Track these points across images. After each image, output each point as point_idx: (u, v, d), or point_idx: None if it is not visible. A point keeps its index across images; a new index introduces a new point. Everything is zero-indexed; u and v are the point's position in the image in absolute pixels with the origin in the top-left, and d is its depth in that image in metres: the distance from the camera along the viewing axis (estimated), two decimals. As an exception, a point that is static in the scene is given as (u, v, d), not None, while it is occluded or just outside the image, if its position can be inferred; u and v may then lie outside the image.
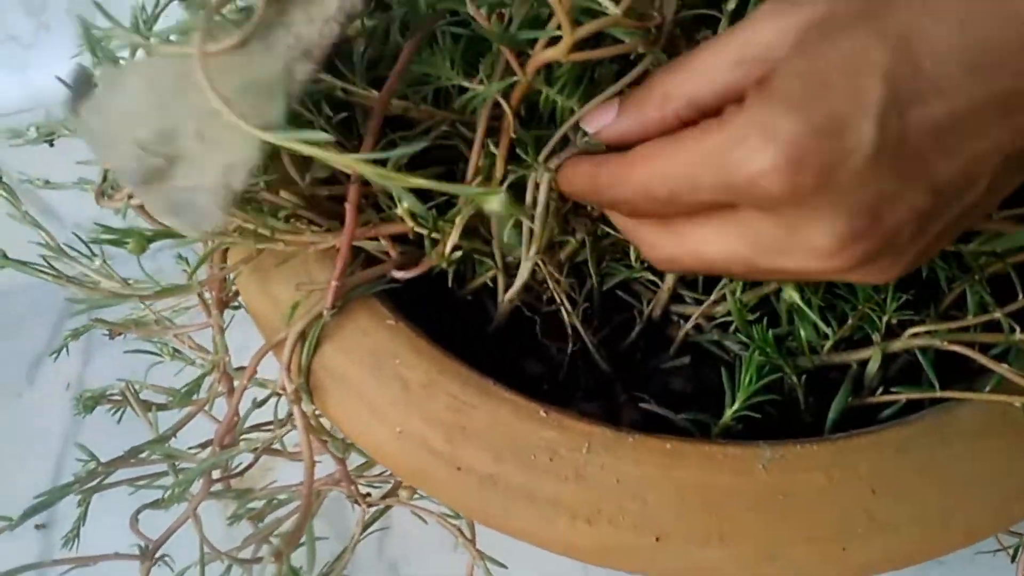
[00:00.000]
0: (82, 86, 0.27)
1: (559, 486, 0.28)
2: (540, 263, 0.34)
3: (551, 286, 0.36)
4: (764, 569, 0.28)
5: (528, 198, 0.32)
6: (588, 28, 0.26)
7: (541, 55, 0.28)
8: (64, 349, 0.46)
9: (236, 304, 0.38)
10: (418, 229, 0.32)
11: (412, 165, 0.32)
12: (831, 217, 0.24)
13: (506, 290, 0.35)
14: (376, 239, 0.34)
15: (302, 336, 0.31)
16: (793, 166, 0.23)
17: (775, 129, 0.23)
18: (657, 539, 0.28)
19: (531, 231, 0.33)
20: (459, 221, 0.32)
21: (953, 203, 0.25)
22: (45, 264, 0.37)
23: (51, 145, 0.42)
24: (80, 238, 0.38)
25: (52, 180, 0.45)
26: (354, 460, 0.40)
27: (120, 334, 0.43)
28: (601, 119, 0.29)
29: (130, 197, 0.32)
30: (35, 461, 0.55)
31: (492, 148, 0.34)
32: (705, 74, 0.26)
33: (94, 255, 0.40)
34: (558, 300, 0.36)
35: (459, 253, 0.33)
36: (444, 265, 0.33)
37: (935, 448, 0.30)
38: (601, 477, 0.28)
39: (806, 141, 0.23)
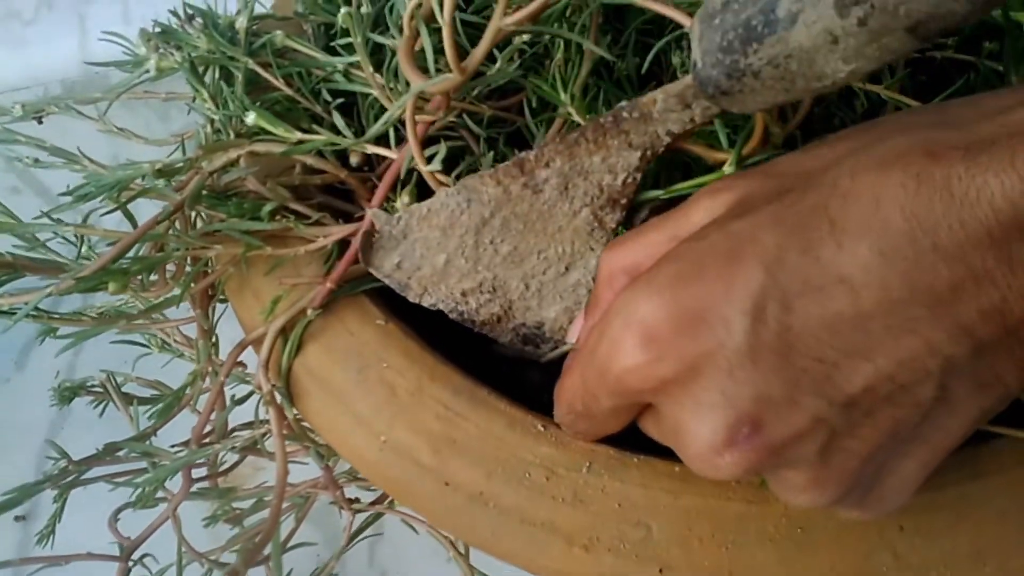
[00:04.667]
0: None
1: (555, 508, 0.26)
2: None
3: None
4: (777, 610, 0.25)
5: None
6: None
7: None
8: (51, 334, 0.44)
9: (223, 296, 0.35)
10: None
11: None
12: (699, 418, 0.21)
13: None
14: (371, 233, 0.32)
15: (283, 333, 0.28)
16: (650, 355, 0.21)
17: (632, 314, 0.21)
18: (660, 571, 0.25)
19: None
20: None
21: (879, 415, 0.21)
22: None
23: (40, 122, 0.40)
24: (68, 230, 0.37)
25: (42, 159, 0.44)
26: (345, 463, 0.38)
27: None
28: (576, 327, 0.28)
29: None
30: (20, 449, 0.53)
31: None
32: (645, 248, 0.24)
33: (80, 240, 0.39)
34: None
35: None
36: None
37: (971, 484, 0.27)
38: (601, 501, 0.26)
39: (663, 328, 0.21)
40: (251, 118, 0.32)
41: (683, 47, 0.32)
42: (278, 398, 0.29)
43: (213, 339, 0.37)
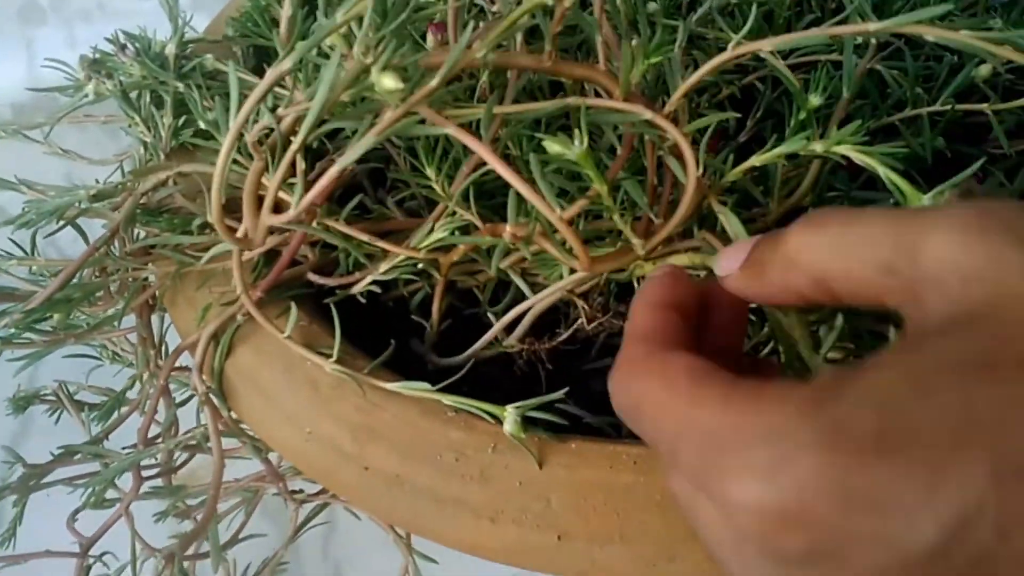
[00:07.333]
0: None
1: (464, 486, 0.29)
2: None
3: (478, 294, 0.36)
4: (663, 568, 0.28)
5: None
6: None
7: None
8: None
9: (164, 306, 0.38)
10: (331, 241, 0.33)
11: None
12: None
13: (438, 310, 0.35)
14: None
15: (215, 338, 0.31)
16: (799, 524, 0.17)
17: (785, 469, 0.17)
18: (559, 538, 0.28)
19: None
20: (383, 271, 0.32)
21: None
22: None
23: (-15, 147, 0.42)
24: (19, 246, 0.39)
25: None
26: (290, 459, 0.40)
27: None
28: (730, 262, 0.24)
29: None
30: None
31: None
32: (844, 259, 0.20)
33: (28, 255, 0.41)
34: (482, 302, 0.36)
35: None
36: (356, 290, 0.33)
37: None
38: (505, 477, 0.29)
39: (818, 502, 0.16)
40: (186, 135, 0.34)
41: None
42: (213, 398, 0.31)
43: (161, 346, 0.40)
